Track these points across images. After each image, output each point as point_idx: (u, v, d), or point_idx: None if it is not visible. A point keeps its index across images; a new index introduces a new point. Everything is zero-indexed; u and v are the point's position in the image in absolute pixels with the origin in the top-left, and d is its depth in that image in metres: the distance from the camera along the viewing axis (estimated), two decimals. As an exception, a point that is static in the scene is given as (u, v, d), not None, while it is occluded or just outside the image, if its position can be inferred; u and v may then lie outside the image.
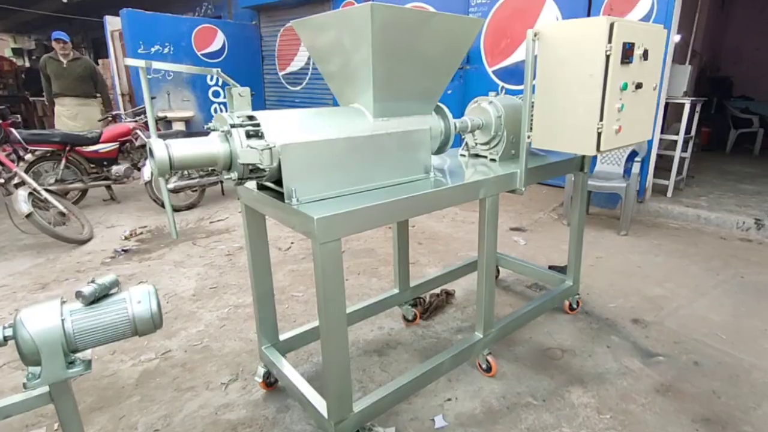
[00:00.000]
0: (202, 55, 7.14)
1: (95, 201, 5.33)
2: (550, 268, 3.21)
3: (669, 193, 4.72)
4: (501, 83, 5.44)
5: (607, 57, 1.79)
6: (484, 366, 2.20)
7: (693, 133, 4.88)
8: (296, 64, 7.27)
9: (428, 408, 2.01)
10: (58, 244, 3.96)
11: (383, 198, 1.60)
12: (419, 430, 1.89)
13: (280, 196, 1.61)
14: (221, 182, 5.30)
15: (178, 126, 6.69)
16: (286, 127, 1.58)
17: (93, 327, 1.33)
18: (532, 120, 2.06)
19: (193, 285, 3.23)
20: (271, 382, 2.13)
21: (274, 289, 2.07)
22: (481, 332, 2.16)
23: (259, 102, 7.61)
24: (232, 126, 1.49)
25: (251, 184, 1.80)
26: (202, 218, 4.72)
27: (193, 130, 6.63)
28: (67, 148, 4.72)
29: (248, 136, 1.50)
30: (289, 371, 1.94)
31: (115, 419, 2.00)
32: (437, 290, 2.93)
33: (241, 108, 1.55)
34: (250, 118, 1.56)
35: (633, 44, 1.86)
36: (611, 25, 1.72)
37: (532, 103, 2.05)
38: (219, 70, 3.53)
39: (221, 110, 7.45)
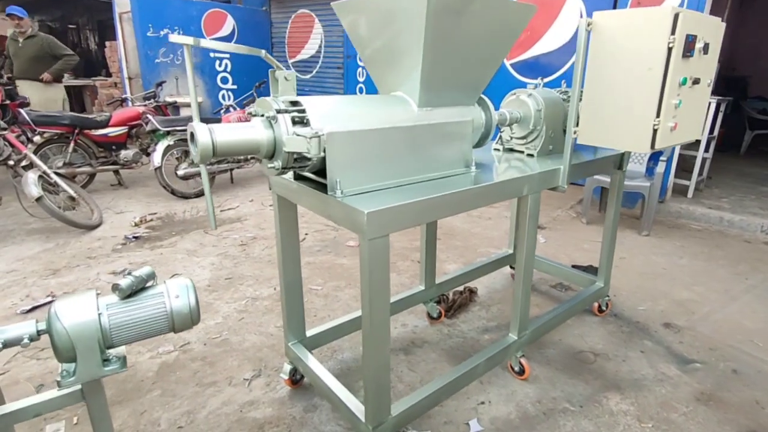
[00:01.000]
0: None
1: (103, 186, 5.23)
2: (574, 267, 3.15)
3: (690, 194, 4.65)
4: (520, 77, 5.33)
5: (669, 49, 1.70)
6: (516, 368, 2.13)
7: (716, 133, 4.80)
8: (307, 52, 7.13)
9: (461, 411, 1.94)
10: (67, 229, 3.87)
11: (426, 193, 1.52)
12: (454, 434, 1.83)
13: (320, 187, 1.53)
14: (231, 170, 5.20)
15: (187, 111, 6.56)
16: (331, 115, 1.50)
17: (130, 322, 1.26)
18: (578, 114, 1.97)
19: (208, 275, 3.16)
20: (296, 379, 2.06)
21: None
22: (516, 334, 2.09)
23: (267, 90, 7.48)
24: (278, 111, 1.40)
25: (287, 174, 1.72)
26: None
27: (201, 116, 6.51)
28: (76, 131, 4.61)
29: (294, 122, 1.42)
30: (320, 370, 1.87)
31: (136, 414, 1.93)
32: (460, 288, 2.86)
33: (286, 92, 1.46)
34: (294, 103, 1.47)
35: (695, 37, 1.77)
36: (675, 16, 1.63)
37: (580, 96, 1.96)
38: (265, 52, 3.42)
39: (229, 97, 7.32)
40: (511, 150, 2.30)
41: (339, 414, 1.90)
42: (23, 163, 3.87)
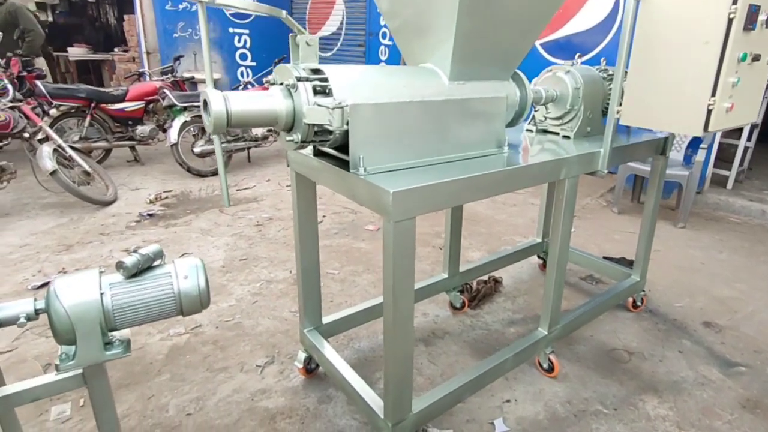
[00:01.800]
0: (230, 15, 6.86)
1: (119, 162, 5.20)
2: (605, 259, 2.99)
3: (729, 185, 4.40)
4: (551, 58, 5.08)
5: (730, 20, 1.52)
6: (545, 365, 2.01)
7: (760, 120, 4.50)
8: (328, 29, 6.94)
9: (485, 409, 1.83)
10: (82, 204, 3.84)
11: (456, 173, 1.39)
12: (478, 433, 1.72)
13: (341, 164, 1.42)
14: (248, 149, 5.12)
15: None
16: (356, 85, 1.37)
17: (134, 303, 1.17)
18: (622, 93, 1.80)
19: (222, 256, 3.09)
20: (311, 368, 1.98)
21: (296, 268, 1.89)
22: (546, 329, 1.96)
23: (286, 67, 7.30)
24: (299, 79, 1.27)
25: (307, 149, 1.60)
26: (229, 185, 4.54)
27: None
28: (92, 105, 4.56)
29: (315, 92, 1.29)
30: (336, 359, 1.78)
31: (143, 398, 1.87)
32: (485, 277, 2.73)
33: (307, 59, 1.33)
34: (316, 71, 1.34)
35: (759, 8, 1.58)
36: (743, -19, 1.44)
37: (625, 73, 1.78)
38: (286, 13, 3.29)
39: (248, 74, 7.20)
40: (545, 131, 2.15)
41: (355, 407, 1.81)
42: (39, 137, 3.84)
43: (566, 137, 2.05)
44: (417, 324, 2.38)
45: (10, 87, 3.77)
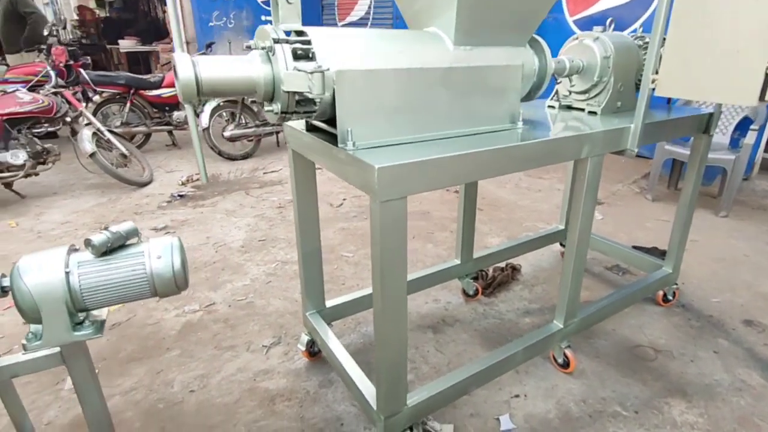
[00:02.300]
0: (262, 2, 6.76)
1: (158, 146, 5.26)
2: (635, 248, 2.68)
3: (780, 172, 3.89)
4: None
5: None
6: (560, 360, 1.79)
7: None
8: (356, 14, 6.71)
9: (491, 403, 1.65)
10: (120, 185, 3.89)
11: (457, 149, 1.18)
12: (481, 430, 1.54)
13: (332, 139, 1.24)
14: (277, 133, 5.04)
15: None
16: (344, 49, 1.19)
17: (104, 283, 1.06)
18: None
19: (243, 236, 3.01)
20: (314, 351, 1.85)
21: (323, 249, 1.75)
22: (562, 322, 1.73)
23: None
24: (276, 41, 1.10)
25: (300, 125, 1.44)
26: (257, 168, 4.50)
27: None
28: (132, 91, 4.60)
29: (296, 56, 1.12)
30: (335, 345, 1.64)
31: (152, 373, 1.81)
32: (502, 264, 2.50)
33: (289, 20, 1.16)
34: (299, 33, 1.17)
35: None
36: None
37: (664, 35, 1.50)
38: None
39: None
40: (570, 108, 1.88)
41: (354, 396, 1.67)
42: (83, 121, 3.89)
43: (592, 113, 1.78)
44: (427, 310, 2.21)
45: (52, 74, 3.82)
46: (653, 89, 1.53)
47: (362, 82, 1.15)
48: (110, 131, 3.88)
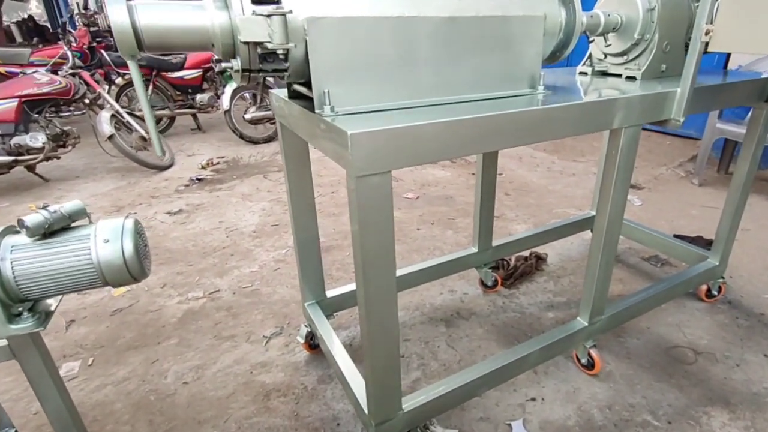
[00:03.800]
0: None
1: (183, 130, 5.28)
2: (677, 237, 2.42)
3: None
4: None
5: None
6: (583, 361, 1.61)
7: None
8: None
9: (504, 407, 1.49)
10: (141, 169, 3.91)
11: (456, 114, 1.00)
12: (489, 437, 1.39)
13: (313, 105, 1.08)
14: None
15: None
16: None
17: (42, 271, 0.95)
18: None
19: (256, 220, 2.94)
20: (315, 344, 1.74)
21: (336, 235, 1.62)
22: (587, 319, 1.54)
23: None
24: (233, -18, 0.95)
25: (284, 93, 1.29)
26: (278, 152, 4.42)
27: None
28: (154, 73, 4.60)
29: (259, 1, 0.95)
30: (331, 339, 1.52)
31: (147, 363, 1.75)
32: (526, 253, 2.31)
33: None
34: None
35: None
36: None
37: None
38: None
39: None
40: (605, 74, 1.64)
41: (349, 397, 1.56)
42: (100, 102, 3.91)
43: (631, 78, 1.54)
44: (441, 302, 2.06)
45: (69, 54, 3.82)
46: (706, 44, 1.28)
47: (342, 33, 0.95)
48: (130, 113, 3.89)
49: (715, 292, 1.96)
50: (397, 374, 1.17)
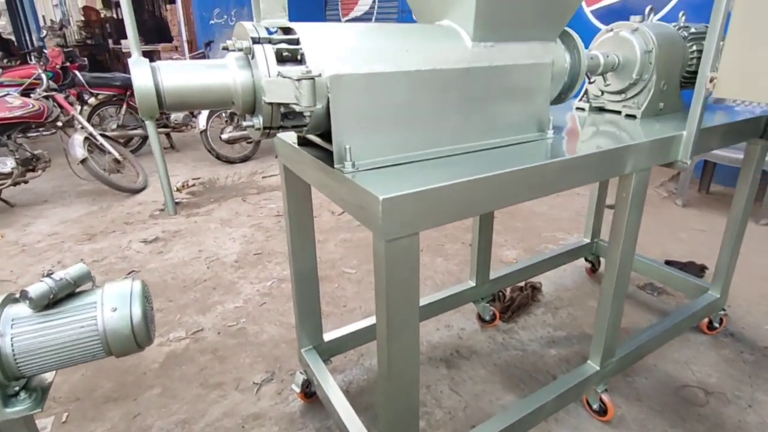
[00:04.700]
0: None
1: (157, 149, 5.08)
2: (668, 263, 2.43)
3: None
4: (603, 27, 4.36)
5: None
6: (595, 406, 1.55)
7: None
8: (360, 8, 6.46)
9: (516, 460, 1.41)
10: (113, 192, 3.71)
11: (479, 169, 0.95)
12: (505, 497, 1.31)
13: (328, 156, 1.02)
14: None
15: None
16: (340, 49, 0.96)
17: (45, 345, 0.85)
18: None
19: (238, 249, 2.81)
20: (311, 392, 1.63)
21: (322, 264, 1.53)
22: (598, 362, 1.49)
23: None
24: (256, 41, 0.88)
25: (290, 137, 1.21)
26: (255, 172, 4.30)
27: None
28: (128, 93, 4.42)
29: (281, 59, 0.89)
30: (332, 389, 1.42)
31: (128, 417, 1.61)
32: (521, 283, 2.26)
33: (273, 13, 0.93)
34: (286, 31, 0.94)
35: None
36: None
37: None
38: None
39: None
40: (602, 110, 1.64)
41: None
42: (76, 125, 3.71)
43: (630, 117, 1.54)
44: (439, 339, 1.98)
45: (44, 77, 3.65)
46: (711, 90, 1.28)
47: (363, 89, 0.93)
48: (103, 135, 3.70)
49: (717, 324, 1.96)
50: (414, 441, 1.08)
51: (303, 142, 1.18)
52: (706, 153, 3.17)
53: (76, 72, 4.28)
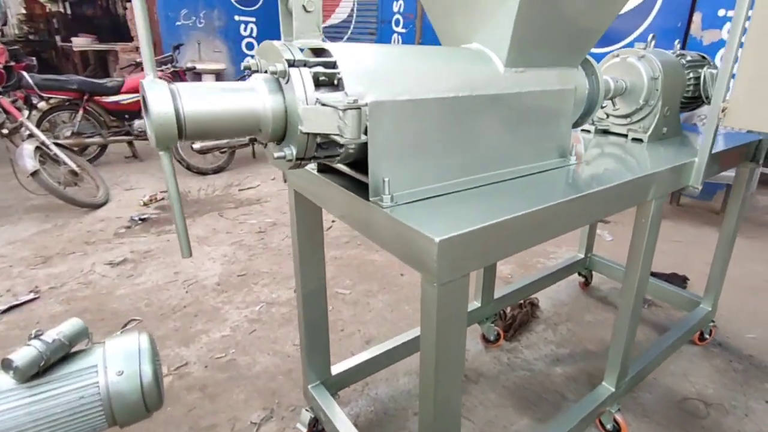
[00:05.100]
0: (235, 2, 6.32)
1: (116, 158, 4.76)
2: (652, 275, 2.51)
3: (778, 185, 3.87)
4: None
5: None
6: (609, 426, 1.56)
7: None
8: (338, 17, 6.38)
9: (540, 492, 1.39)
10: (69, 207, 3.42)
11: (518, 201, 0.94)
12: None
13: (357, 186, 0.95)
14: (252, 144, 4.65)
15: (209, 79, 5.99)
16: (377, 73, 0.89)
17: (35, 424, 0.72)
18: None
19: (219, 270, 2.65)
20: (318, 429, 1.53)
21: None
22: (613, 384, 1.50)
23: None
24: (292, 64, 0.80)
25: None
26: (231, 184, 4.11)
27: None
28: (85, 97, 4.11)
29: (317, 83, 0.82)
30: (342, 424, 1.34)
31: (110, 469, 1.44)
32: (519, 300, 2.26)
33: (306, 33, 0.86)
34: (319, 51, 0.87)
35: None
36: None
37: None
38: None
39: (253, 64, 6.65)
40: (606, 132, 1.67)
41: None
42: (25, 132, 3.39)
43: (637, 140, 1.57)
44: (443, 362, 1.93)
45: (-15, 79, 3.31)
46: (721, 119, 1.32)
47: (402, 117, 0.89)
48: (58, 144, 3.41)
49: (707, 336, 2.03)
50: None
51: (323, 168, 1.11)
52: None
53: (24, 73, 3.92)
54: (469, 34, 1.12)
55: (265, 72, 0.86)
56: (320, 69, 0.82)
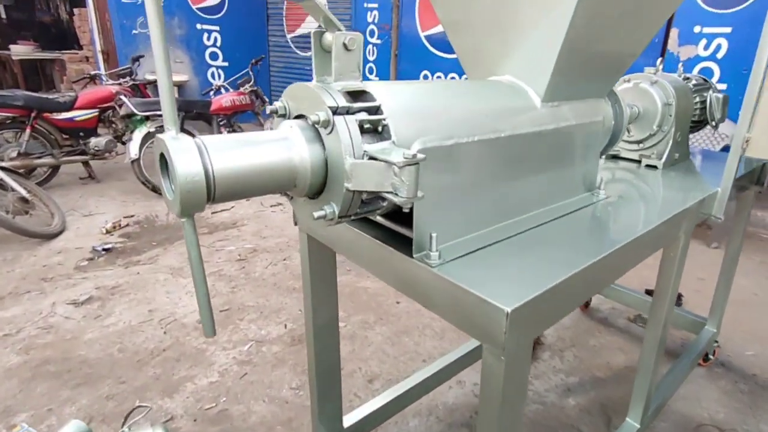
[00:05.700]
0: (197, 9, 6.13)
1: (70, 179, 4.45)
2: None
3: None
4: (438, 53, 4.71)
5: None
6: (634, 464, 1.53)
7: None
8: (308, 26, 6.31)
9: None
10: (19, 238, 3.13)
11: (567, 248, 0.91)
12: None
13: (393, 238, 0.88)
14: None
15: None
16: (420, 116, 0.83)
17: None
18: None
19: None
20: (330, 491, 1.43)
21: (293, 319, 1.35)
22: (638, 420, 1.49)
23: (263, 70, 6.60)
24: (336, 112, 0.72)
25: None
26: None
27: (186, 96, 5.70)
28: (33, 115, 3.81)
29: (362, 131, 0.74)
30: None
31: None
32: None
33: (346, 74, 0.77)
34: (357, 95, 0.79)
35: None
36: None
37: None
38: None
39: (219, 75, 6.47)
40: (616, 157, 1.68)
41: None
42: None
43: (651, 167, 1.58)
44: (454, 399, 1.87)
45: None
46: (745, 149, 1.34)
47: (449, 163, 0.83)
48: (2, 168, 3.13)
49: (711, 356, 2.07)
50: None
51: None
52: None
53: (-39, 89, 3.61)
54: (501, 65, 1.08)
55: (296, 117, 0.78)
56: (365, 116, 0.75)
